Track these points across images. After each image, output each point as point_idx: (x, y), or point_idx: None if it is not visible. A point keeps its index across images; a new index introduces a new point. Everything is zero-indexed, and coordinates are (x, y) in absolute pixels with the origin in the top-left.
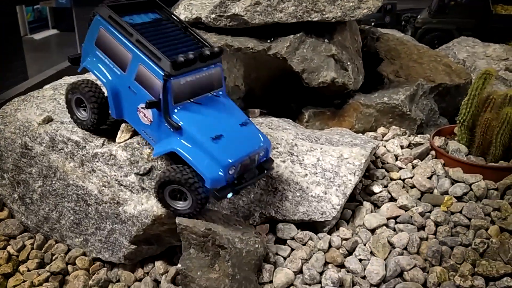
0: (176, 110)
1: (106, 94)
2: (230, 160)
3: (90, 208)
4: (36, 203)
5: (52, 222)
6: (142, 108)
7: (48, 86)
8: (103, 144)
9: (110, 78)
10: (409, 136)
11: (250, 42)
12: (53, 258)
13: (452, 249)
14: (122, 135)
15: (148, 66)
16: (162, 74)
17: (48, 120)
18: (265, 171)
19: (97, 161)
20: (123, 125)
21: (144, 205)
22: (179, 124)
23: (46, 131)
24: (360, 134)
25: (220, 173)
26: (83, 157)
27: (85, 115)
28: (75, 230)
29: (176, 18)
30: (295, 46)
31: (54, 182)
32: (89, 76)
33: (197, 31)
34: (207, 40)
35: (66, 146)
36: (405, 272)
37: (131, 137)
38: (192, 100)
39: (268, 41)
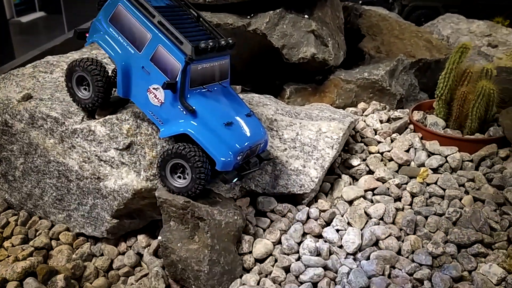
0: (190, 95)
1: (110, 73)
2: (240, 146)
3: (71, 184)
4: (18, 180)
5: (35, 199)
6: (154, 89)
7: (28, 64)
8: (82, 120)
9: (122, 56)
10: (388, 110)
11: (230, 18)
12: (37, 233)
13: (426, 218)
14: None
15: (169, 49)
16: (184, 57)
17: (28, 97)
18: (265, 160)
19: (77, 137)
20: None
21: (124, 180)
22: (193, 108)
23: (26, 108)
24: (340, 109)
25: (231, 158)
26: (63, 133)
27: (86, 94)
28: (58, 206)
29: (188, 7)
30: (274, 22)
31: (35, 159)
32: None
33: (208, 21)
34: (218, 31)
35: (46, 122)
36: (380, 241)
37: (110, 113)
38: (204, 86)
39: (248, 17)
